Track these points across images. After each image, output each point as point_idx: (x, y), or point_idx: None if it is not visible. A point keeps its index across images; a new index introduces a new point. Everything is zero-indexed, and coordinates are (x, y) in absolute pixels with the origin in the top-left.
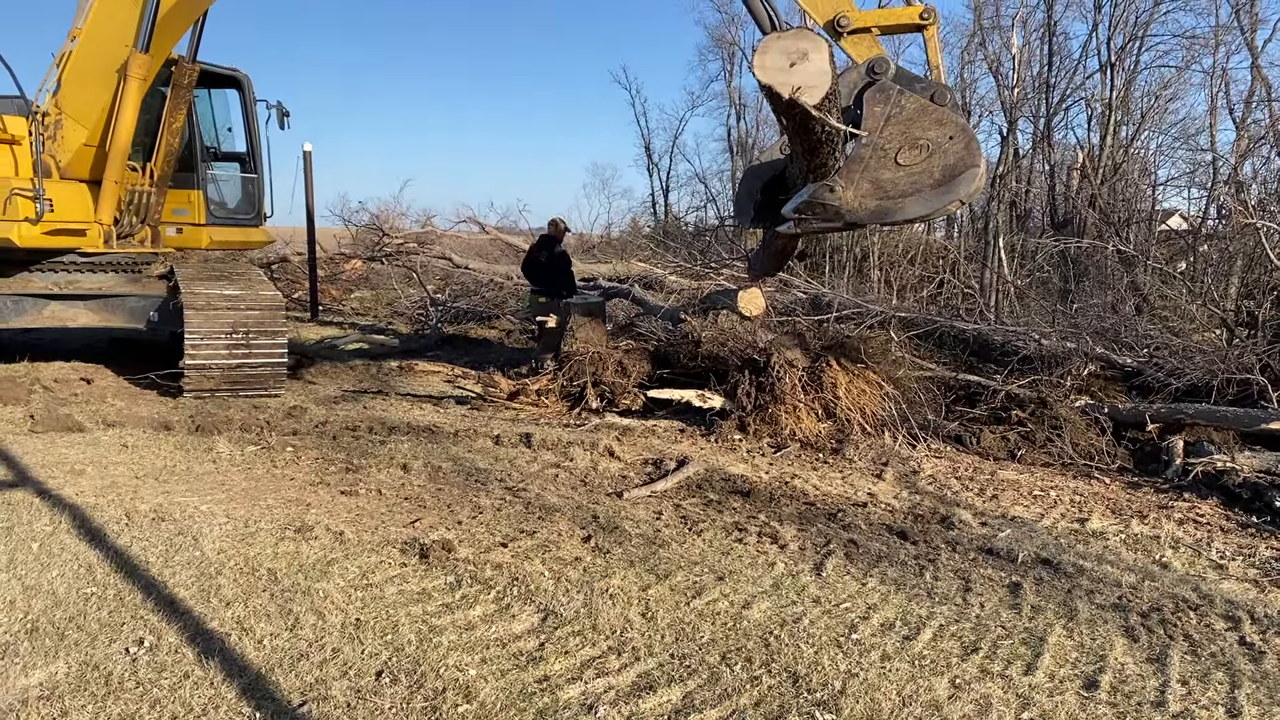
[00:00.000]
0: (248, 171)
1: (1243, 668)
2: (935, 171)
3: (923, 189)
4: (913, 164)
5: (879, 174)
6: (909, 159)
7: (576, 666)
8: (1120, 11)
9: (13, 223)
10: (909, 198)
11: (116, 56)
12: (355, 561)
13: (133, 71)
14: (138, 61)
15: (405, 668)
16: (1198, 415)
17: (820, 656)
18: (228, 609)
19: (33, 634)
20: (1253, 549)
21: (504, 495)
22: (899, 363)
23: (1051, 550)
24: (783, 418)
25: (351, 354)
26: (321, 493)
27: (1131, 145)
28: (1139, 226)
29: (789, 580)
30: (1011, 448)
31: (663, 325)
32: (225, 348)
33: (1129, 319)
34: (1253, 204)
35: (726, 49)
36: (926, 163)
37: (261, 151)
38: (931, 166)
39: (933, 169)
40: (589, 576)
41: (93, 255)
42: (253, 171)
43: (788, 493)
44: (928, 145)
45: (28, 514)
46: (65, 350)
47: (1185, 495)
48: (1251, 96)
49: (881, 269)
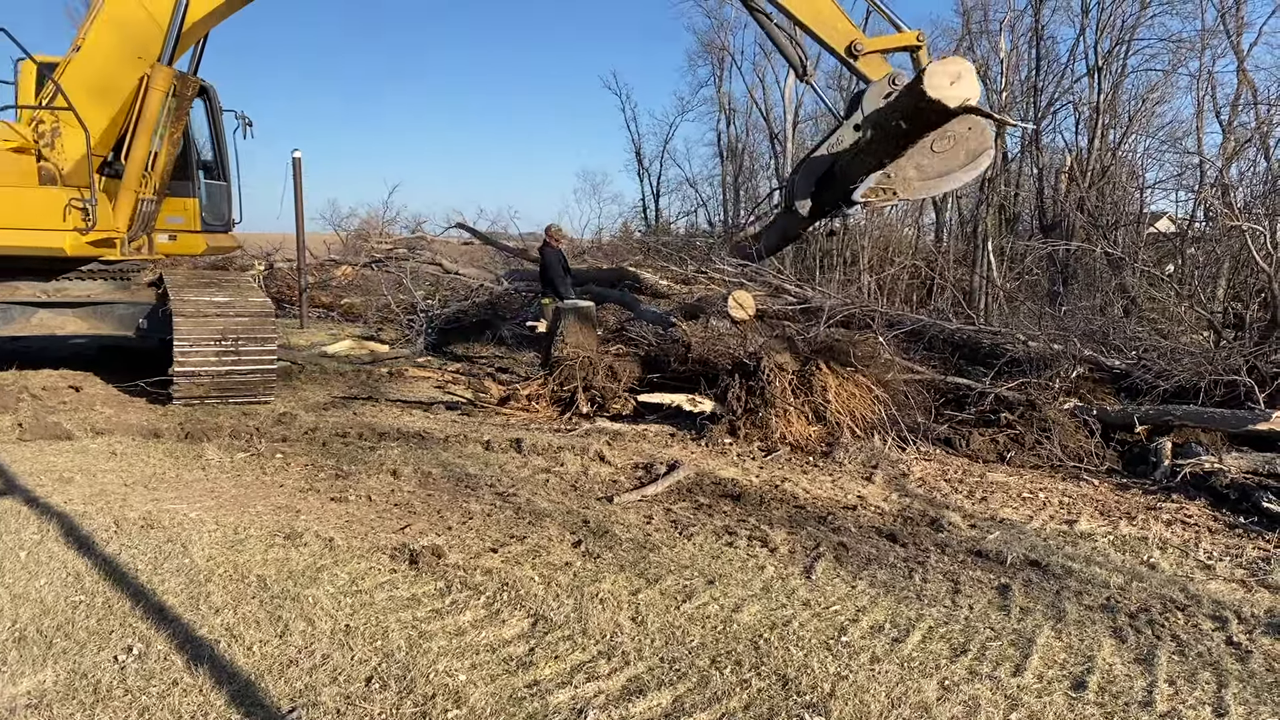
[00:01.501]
0: (215, 179)
1: (1230, 667)
2: (961, 155)
3: (954, 169)
4: (944, 151)
5: (920, 161)
6: (941, 147)
7: (566, 671)
8: (1107, 16)
9: (66, 233)
10: (944, 177)
11: (121, 66)
12: (345, 568)
13: (156, 84)
14: (162, 74)
15: (395, 673)
16: (1185, 417)
17: (810, 659)
18: (217, 616)
19: (20, 642)
20: (1240, 549)
21: (494, 500)
22: (888, 366)
23: (1040, 552)
24: (773, 421)
25: (341, 360)
26: (311, 499)
27: (1119, 148)
28: (1127, 229)
29: (779, 583)
30: (1000, 450)
31: (653, 329)
32: (214, 354)
33: (1117, 321)
34: (1239, 207)
35: (716, 54)
36: (954, 150)
37: (229, 160)
38: (958, 151)
39: (959, 153)
40: (579, 581)
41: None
42: (222, 179)
43: (778, 496)
44: (954, 136)
45: (15, 522)
46: (54, 358)
47: (1173, 496)
48: (1238, 99)
49: (871, 272)
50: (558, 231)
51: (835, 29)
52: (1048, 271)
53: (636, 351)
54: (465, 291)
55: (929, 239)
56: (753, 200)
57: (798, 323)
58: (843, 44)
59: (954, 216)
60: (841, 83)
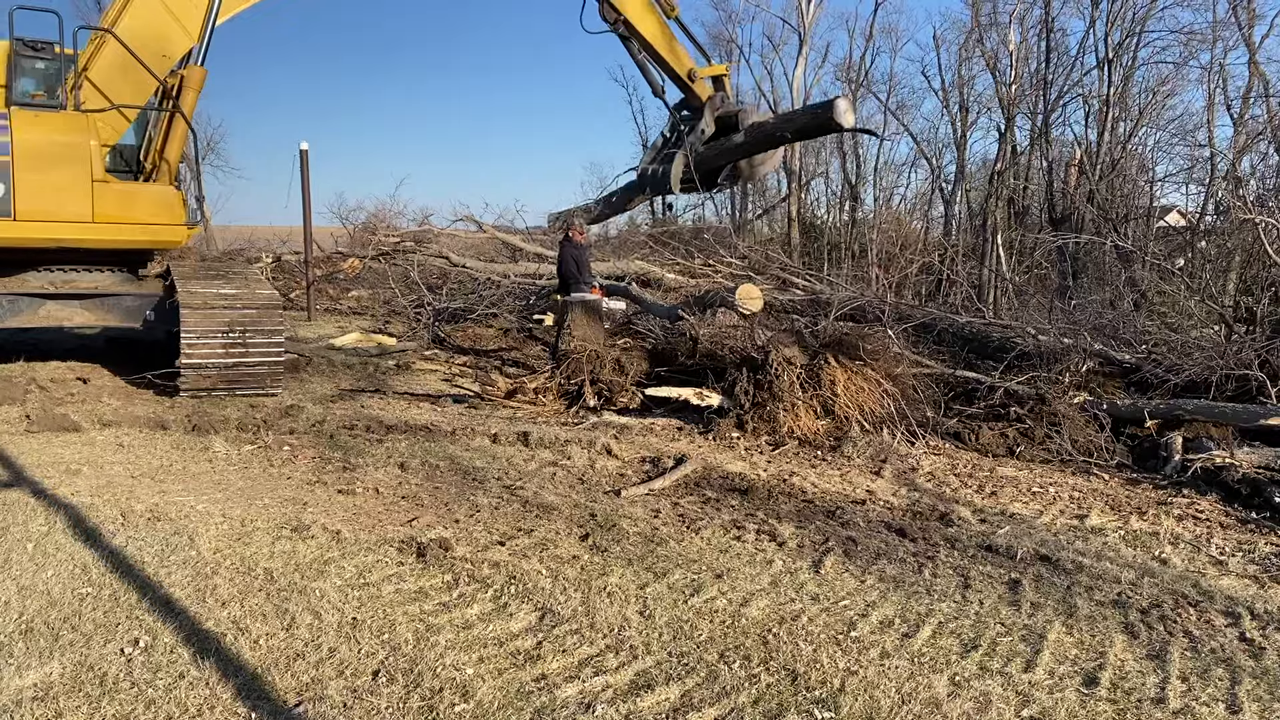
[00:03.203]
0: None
1: (1243, 664)
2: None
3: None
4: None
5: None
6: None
7: (574, 665)
8: (1118, 7)
9: (179, 226)
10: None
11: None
12: (352, 561)
13: (191, 84)
14: (197, 74)
15: (402, 667)
16: (1196, 411)
17: (819, 654)
18: (224, 609)
19: (27, 634)
20: (1252, 545)
21: (501, 494)
22: (897, 359)
23: (1050, 547)
24: (781, 415)
25: (348, 352)
26: (318, 492)
27: (1129, 141)
28: (1137, 223)
29: (787, 578)
30: (1010, 444)
31: (660, 323)
32: (222, 346)
33: (1127, 315)
34: (1251, 200)
35: (724, 47)
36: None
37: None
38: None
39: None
40: (587, 575)
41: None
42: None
43: (786, 490)
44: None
45: (23, 514)
46: (61, 349)
47: (1184, 491)
48: (1249, 92)
49: (880, 265)
50: (581, 226)
51: (681, 60)
52: (1057, 265)
53: (644, 345)
54: (472, 284)
55: (938, 232)
56: (760, 193)
57: (806, 316)
58: (685, 71)
59: (963, 209)
60: (850, 74)
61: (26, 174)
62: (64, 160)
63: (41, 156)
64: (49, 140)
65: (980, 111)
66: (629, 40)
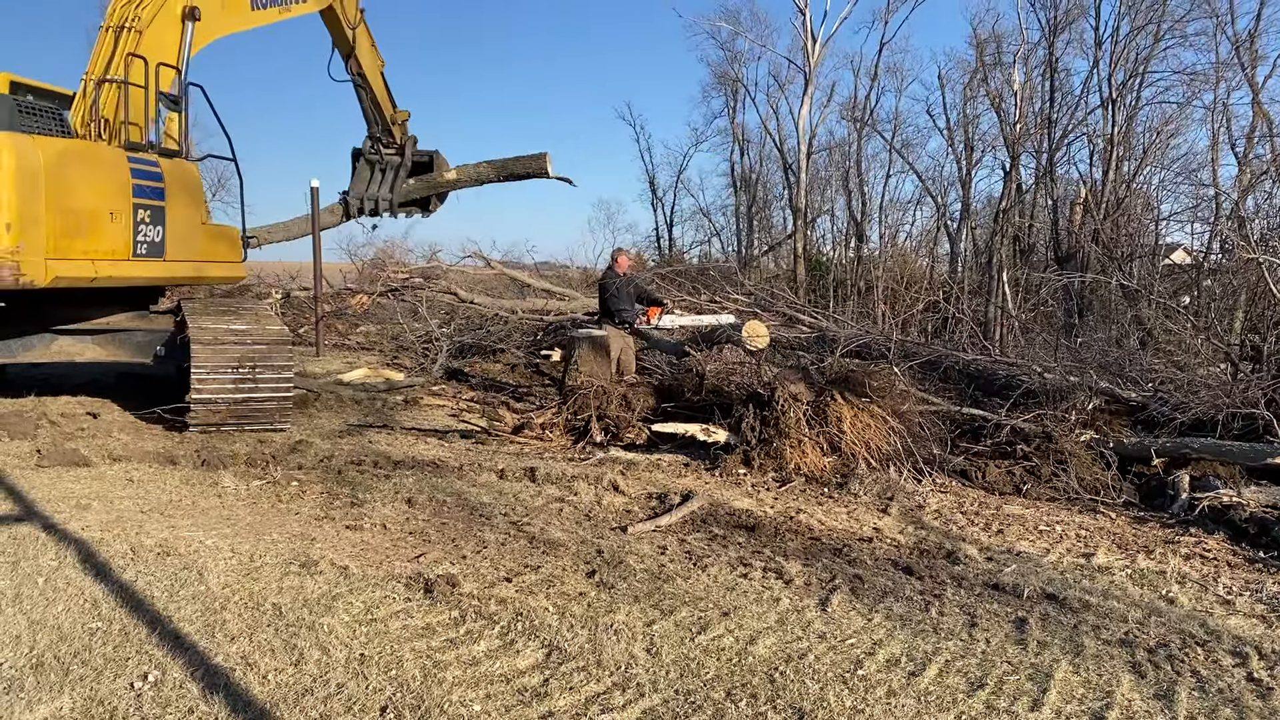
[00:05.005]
0: None
1: (1250, 704)
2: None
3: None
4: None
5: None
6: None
7: (581, 702)
8: (1121, 48)
9: (238, 263)
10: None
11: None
12: (360, 596)
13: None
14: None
15: (409, 703)
16: (1203, 450)
17: (826, 692)
18: (232, 644)
19: (38, 669)
20: (1260, 584)
21: (508, 530)
22: (904, 396)
23: (1057, 585)
24: (787, 452)
25: (357, 388)
26: (326, 527)
27: (1134, 180)
28: (1142, 261)
29: (794, 616)
30: (1017, 482)
31: (667, 359)
32: (232, 382)
33: (1133, 353)
34: (1255, 239)
35: (730, 86)
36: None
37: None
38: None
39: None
40: (593, 612)
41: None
42: None
43: (792, 527)
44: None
45: (34, 548)
46: (72, 384)
47: (1191, 530)
48: (1253, 132)
49: (886, 302)
50: (622, 256)
51: (392, 106)
52: (1063, 303)
53: (650, 381)
54: (479, 320)
55: (944, 270)
56: (766, 229)
57: (812, 352)
58: (391, 115)
59: (969, 247)
60: (855, 113)
61: (174, 216)
62: (194, 203)
63: (178, 200)
64: (182, 184)
65: (985, 150)
66: (362, 90)
